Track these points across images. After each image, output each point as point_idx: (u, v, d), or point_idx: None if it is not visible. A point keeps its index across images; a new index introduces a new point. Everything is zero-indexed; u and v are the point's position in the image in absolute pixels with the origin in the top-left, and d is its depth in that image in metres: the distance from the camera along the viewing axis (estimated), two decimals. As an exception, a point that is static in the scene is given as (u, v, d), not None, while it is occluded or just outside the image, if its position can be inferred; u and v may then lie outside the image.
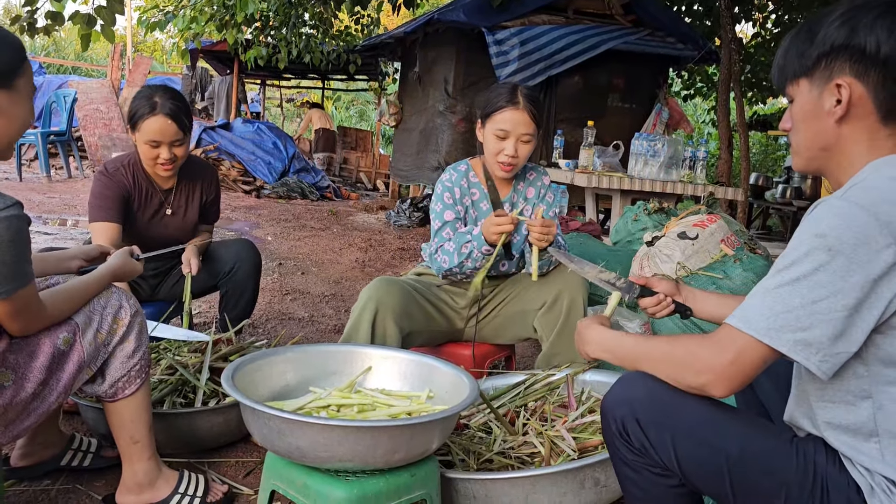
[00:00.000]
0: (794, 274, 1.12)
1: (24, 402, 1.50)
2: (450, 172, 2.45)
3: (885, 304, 1.08)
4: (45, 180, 8.62)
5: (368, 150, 14.02)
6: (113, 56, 10.21)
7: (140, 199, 2.57)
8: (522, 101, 2.27)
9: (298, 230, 6.85)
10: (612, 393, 1.34)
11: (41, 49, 20.43)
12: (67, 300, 1.57)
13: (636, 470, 1.32)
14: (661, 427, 1.26)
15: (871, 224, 1.07)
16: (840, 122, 1.20)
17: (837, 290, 1.08)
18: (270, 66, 9.75)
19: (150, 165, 2.51)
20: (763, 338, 1.13)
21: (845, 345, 1.10)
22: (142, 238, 2.54)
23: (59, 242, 5.24)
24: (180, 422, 2.05)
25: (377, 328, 2.21)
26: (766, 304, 1.14)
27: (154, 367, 2.27)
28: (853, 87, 1.18)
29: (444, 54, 7.02)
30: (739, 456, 1.21)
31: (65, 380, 1.56)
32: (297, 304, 4.12)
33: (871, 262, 1.07)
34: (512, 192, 2.46)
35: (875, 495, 1.13)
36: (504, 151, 2.29)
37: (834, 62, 1.19)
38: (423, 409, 1.71)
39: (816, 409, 1.22)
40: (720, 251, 2.78)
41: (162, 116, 2.40)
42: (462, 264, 2.26)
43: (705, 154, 4.53)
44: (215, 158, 9.48)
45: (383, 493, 1.51)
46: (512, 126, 2.27)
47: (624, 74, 7.03)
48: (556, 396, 2.17)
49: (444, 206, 2.39)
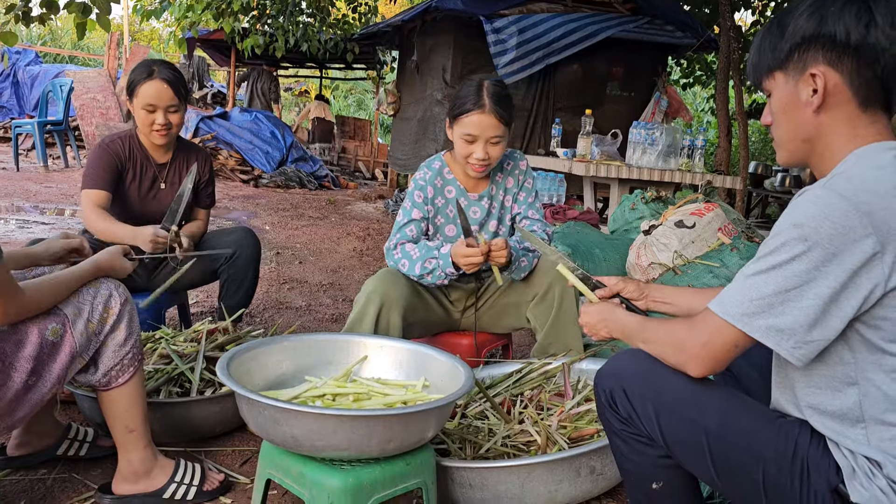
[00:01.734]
0: (771, 262, 1.14)
1: (15, 392, 1.49)
2: (423, 170, 2.41)
3: (865, 294, 1.10)
4: (42, 170, 8.60)
5: (367, 140, 13.98)
6: (109, 45, 10.17)
7: (135, 170, 2.63)
8: (489, 102, 2.18)
9: (296, 219, 6.84)
10: (605, 366, 1.41)
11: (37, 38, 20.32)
12: (50, 290, 1.55)
13: (625, 440, 1.37)
14: (645, 398, 1.31)
15: (851, 214, 1.08)
16: (818, 111, 1.22)
17: (811, 280, 1.10)
18: (267, 55, 9.72)
19: (146, 132, 2.58)
20: (737, 323, 1.17)
21: (821, 332, 1.12)
22: (137, 213, 2.61)
23: (55, 233, 5.23)
24: (176, 411, 2.05)
25: (381, 320, 2.19)
26: (742, 291, 1.17)
27: (149, 356, 2.27)
28: (828, 76, 1.19)
29: (442, 43, 6.99)
30: (719, 431, 1.24)
31: (57, 370, 1.56)
32: (295, 294, 4.11)
33: (848, 253, 1.08)
34: (490, 185, 2.41)
35: (856, 478, 1.14)
36: (474, 155, 2.23)
37: (807, 53, 1.21)
38: (419, 398, 1.71)
39: (801, 395, 1.23)
40: (717, 240, 2.78)
41: (158, 81, 2.50)
42: (422, 277, 2.24)
43: (704, 142, 4.52)
44: (213, 147, 9.46)
45: (379, 481, 1.52)
46: (479, 130, 2.20)
47: (623, 63, 7.01)
48: (552, 385, 2.18)
49: (413, 204, 2.35)
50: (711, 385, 1.30)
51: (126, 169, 2.60)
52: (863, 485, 1.13)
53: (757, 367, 1.49)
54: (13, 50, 12.63)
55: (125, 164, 2.60)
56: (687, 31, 6.78)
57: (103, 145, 2.59)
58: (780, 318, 1.13)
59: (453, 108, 2.26)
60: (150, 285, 2.73)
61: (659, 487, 1.36)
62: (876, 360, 1.14)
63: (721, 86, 6.47)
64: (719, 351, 1.21)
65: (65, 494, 1.82)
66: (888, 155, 1.16)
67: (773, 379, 1.33)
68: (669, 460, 1.33)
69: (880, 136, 1.20)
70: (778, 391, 1.31)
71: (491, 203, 2.41)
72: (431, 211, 2.37)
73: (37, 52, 14.25)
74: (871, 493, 1.12)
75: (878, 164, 1.14)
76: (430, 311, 2.40)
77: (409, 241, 2.30)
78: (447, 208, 2.39)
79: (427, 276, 2.23)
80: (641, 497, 1.40)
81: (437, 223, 2.39)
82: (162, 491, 1.78)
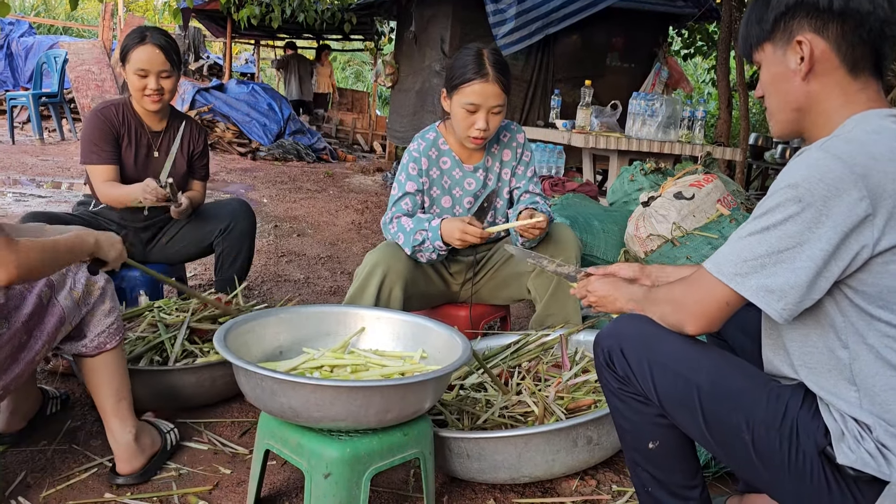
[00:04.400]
0: (765, 223, 1.15)
1: (12, 348, 1.52)
2: (417, 141, 2.38)
3: (851, 257, 1.11)
4: (37, 143, 8.55)
5: (365, 112, 13.87)
6: (104, 16, 10.05)
7: (129, 136, 2.62)
8: (492, 71, 2.14)
9: (294, 192, 6.81)
10: (605, 328, 1.43)
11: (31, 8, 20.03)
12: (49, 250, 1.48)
13: (622, 399, 1.39)
14: (641, 357, 1.33)
15: (846, 176, 1.08)
16: (807, 79, 1.22)
17: (804, 241, 1.11)
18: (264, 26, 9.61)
19: (139, 98, 2.57)
20: (729, 282, 1.18)
21: (808, 293, 1.13)
22: (132, 179, 2.61)
23: (52, 206, 5.21)
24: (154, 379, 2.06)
25: (383, 292, 2.18)
26: (735, 251, 1.19)
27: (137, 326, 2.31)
28: (814, 43, 1.20)
29: (441, 13, 6.90)
30: (710, 389, 1.26)
31: (47, 332, 1.59)
32: (293, 266, 4.11)
33: (842, 215, 1.09)
34: (486, 157, 2.38)
35: (844, 440, 1.16)
36: (475, 126, 2.19)
37: (792, 21, 1.22)
38: (416, 368, 1.72)
39: (795, 356, 1.25)
40: (716, 211, 2.77)
41: (150, 46, 2.51)
42: (415, 252, 2.22)
43: (704, 114, 4.48)
44: (210, 120, 9.39)
45: (376, 451, 1.53)
46: (482, 100, 2.16)
47: (623, 33, 6.93)
48: (549, 356, 2.18)
49: (408, 176, 2.33)
50: (706, 346, 1.33)
51: (121, 135, 2.60)
52: (850, 447, 1.15)
53: (750, 336, 1.50)
54: (6, 21, 12.47)
55: (119, 130, 2.59)
56: (688, 1, 6.69)
57: (96, 112, 2.58)
58: (771, 279, 1.14)
59: (452, 77, 2.22)
60: (145, 256, 2.73)
61: (655, 447, 1.38)
62: (866, 323, 1.15)
63: (722, 56, 6.39)
64: (712, 308, 1.23)
65: (65, 465, 1.84)
66: (886, 122, 1.17)
67: (763, 341, 1.34)
68: (665, 419, 1.35)
69: (872, 102, 1.21)
70: (771, 352, 1.32)
71: (486, 175, 2.39)
72: (427, 182, 2.35)
73: (30, 22, 14.07)
74: (858, 455, 1.14)
75: (875, 129, 1.15)
76: (431, 284, 2.39)
77: (405, 214, 2.29)
78: (443, 179, 2.37)
79: (419, 251, 2.22)
80: (638, 457, 1.41)
81: (433, 195, 2.37)
82: (165, 444, 1.87)
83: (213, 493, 1.77)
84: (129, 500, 1.72)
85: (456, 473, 1.83)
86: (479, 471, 1.78)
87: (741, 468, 1.30)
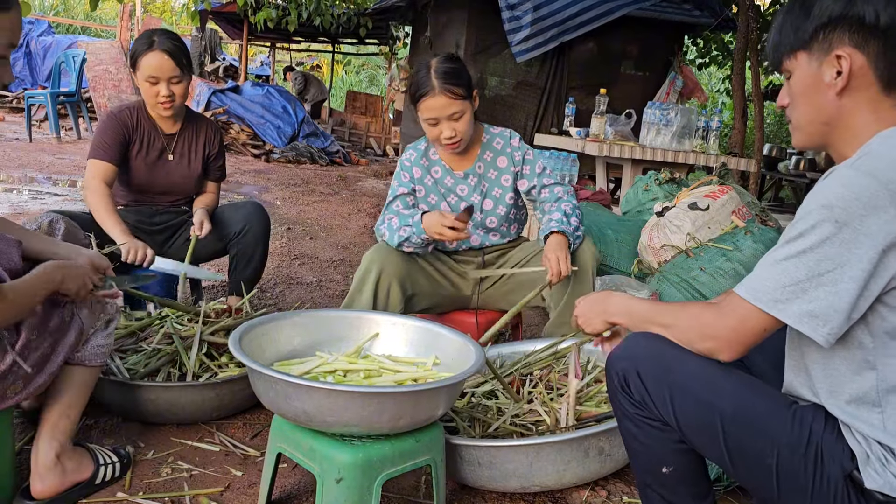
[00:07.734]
0: (801, 246, 1.13)
1: (40, 358, 1.54)
2: (409, 152, 2.44)
3: (890, 275, 1.09)
4: (55, 141, 8.62)
5: (378, 116, 13.90)
6: (122, 16, 10.14)
7: (142, 140, 2.63)
8: (437, 83, 2.17)
9: (307, 195, 6.84)
10: (618, 349, 1.39)
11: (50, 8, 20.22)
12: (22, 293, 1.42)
13: (637, 424, 1.35)
14: (660, 381, 1.29)
15: (881, 193, 1.07)
16: (841, 94, 1.20)
17: (844, 262, 1.09)
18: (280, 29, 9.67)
19: (151, 105, 2.59)
20: (770, 310, 1.15)
21: (851, 314, 1.11)
22: (144, 184, 2.63)
23: (68, 204, 5.26)
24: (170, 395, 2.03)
25: (380, 290, 2.23)
26: (773, 276, 1.16)
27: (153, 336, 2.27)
28: (854, 58, 1.18)
29: (456, 18, 6.92)
30: (733, 414, 1.23)
31: (68, 345, 1.61)
32: (306, 269, 4.13)
33: (879, 233, 1.07)
34: (477, 163, 2.40)
35: (870, 464, 1.14)
36: (442, 136, 2.25)
37: (832, 33, 1.19)
38: (429, 375, 1.72)
39: (816, 378, 1.23)
40: (731, 223, 2.76)
41: (159, 52, 2.49)
42: (400, 245, 2.26)
43: (719, 124, 4.47)
44: (225, 122, 9.43)
45: (388, 457, 1.53)
46: (437, 112, 2.21)
47: (638, 41, 6.92)
48: (561, 365, 2.18)
49: (400, 183, 2.40)
50: (727, 368, 1.29)
51: (133, 140, 2.61)
52: (877, 471, 1.13)
53: (767, 355, 1.48)
54: (26, 20, 12.59)
55: (132, 134, 2.60)
56: (704, 10, 6.67)
57: (112, 115, 2.61)
58: (815, 304, 1.12)
59: (410, 96, 2.28)
60: (163, 254, 2.74)
61: (669, 471, 1.35)
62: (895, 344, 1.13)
63: (738, 66, 6.36)
64: (749, 336, 1.20)
65: (78, 463, 1.84)
66: None
67: (786, 362, 1.32)
68: (683, 445, 1.32)
69: None
70: (792, 374, 1.30)
71: (479, 181, 2.40)
72: (422, 191, 2.40)
73: (49, 22, 14.22)
74: (885, 479, 1.12)
75: None
76: (437, 285, 2.40)
77: (395, 215, 2.33)
78: (437, 187, 2.41)
79: (405, 244, 2.24)
80: (650, 479, 1.39)
81: (431, 202, 2.42)
82: (94, 477, 1.72)
83: (224, 495, 1.78)
84: (140, 499, 1.73)
85: (466, 481, 1.83)
86: (490, 479, 1.78)
87: (761, 491, 1.26)
